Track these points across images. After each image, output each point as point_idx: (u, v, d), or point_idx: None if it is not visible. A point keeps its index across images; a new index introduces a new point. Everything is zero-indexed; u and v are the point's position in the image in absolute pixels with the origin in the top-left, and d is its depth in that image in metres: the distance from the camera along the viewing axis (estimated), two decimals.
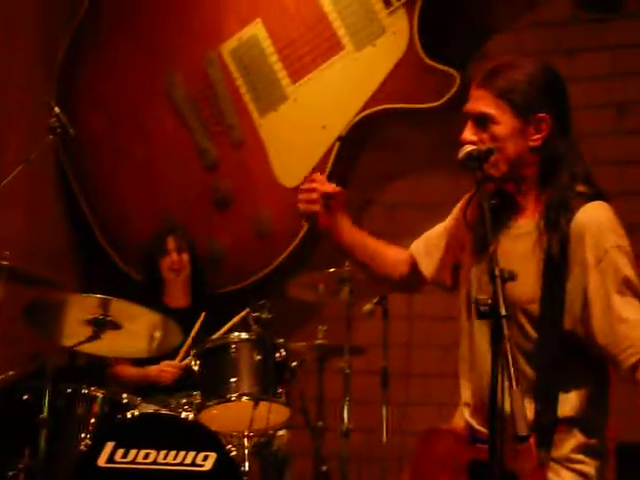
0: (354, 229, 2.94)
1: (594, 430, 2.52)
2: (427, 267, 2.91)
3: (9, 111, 5.59)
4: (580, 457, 2.49)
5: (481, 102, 2.53)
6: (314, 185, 2.79)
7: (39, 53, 5.92)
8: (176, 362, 4.63)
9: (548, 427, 2.45)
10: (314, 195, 2.78)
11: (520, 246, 2.54)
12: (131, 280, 5.81)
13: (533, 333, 2.49)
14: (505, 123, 2.50)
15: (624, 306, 2.43)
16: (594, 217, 2.48)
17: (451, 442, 2.61)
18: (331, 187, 2.80)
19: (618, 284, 2.44)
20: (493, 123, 2.51)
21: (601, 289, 2.44)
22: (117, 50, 6.08)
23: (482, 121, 2.52)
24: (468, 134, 2.54)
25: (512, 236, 2.56)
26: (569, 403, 2.49)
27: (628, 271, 2.46)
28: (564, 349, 2.47)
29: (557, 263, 2.47)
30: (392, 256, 3.01)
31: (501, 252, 2.44)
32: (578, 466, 2.49)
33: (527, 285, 2.48)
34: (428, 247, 2.92)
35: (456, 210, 2.86)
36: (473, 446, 2.56)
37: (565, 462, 2.48)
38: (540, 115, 2.50)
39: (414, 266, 2.95)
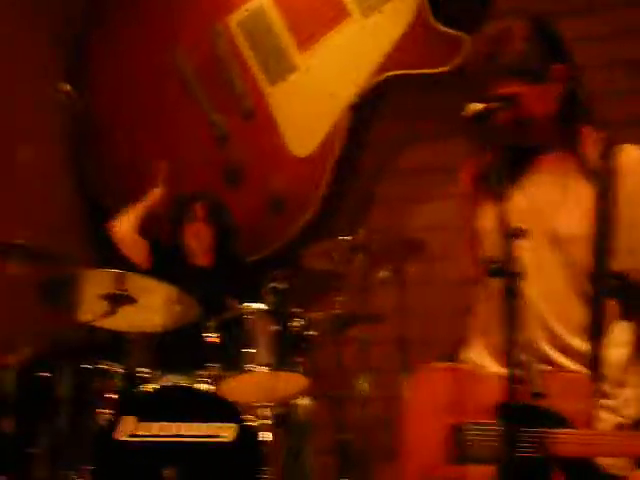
0: None
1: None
2: None
3: (21, 95, 5.60)
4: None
5: (497, 86, 2.55)
6: None
7: (51, 35, 5.92)
8: None
9: (598, 362, 2.50)
10: None
11: (555, 189, 2.60)
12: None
13: (585, 269, 2.53)
14: (527, 96, 2.53)
15: None
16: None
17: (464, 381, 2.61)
18: None
19: None
20: (517, 100, 2.53)
21: None
22: (126, 26, 6.07)
23: (506, 101, 2.53)
24: (500, 116, 2.56)
25: (542, 182, 2.62)
26: (620, 341, 2.54)
27: None
28: (616, 288, 2.54)
29: (606, 202, 2.53)
30: None
31: (530, 199, 2.58)
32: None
33: (572, 225, 2.54)
34: None
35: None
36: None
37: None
38: (554, 68, 2.57)
39: None
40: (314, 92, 5.51)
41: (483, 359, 2.68)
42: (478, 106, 2.49)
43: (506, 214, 2.25)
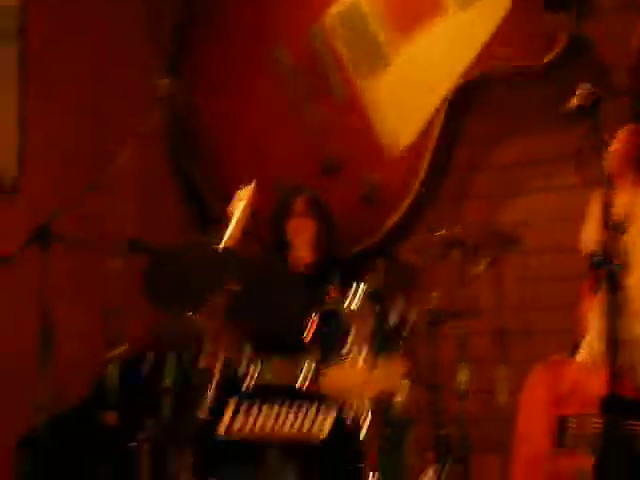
0: None
1: None
2: None
3: (120, 89, 5.69)
4: None
5: None
6: None
7: (148, 30, 6.02)
8: None
9: None
10: None
11: None
12: None
13: None
14: None
15: None
16: None
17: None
18: None
19: None
20: None
21: None
22: (224, 23, 6.16)
23: None
24: None
25: None
26: None
27: None
28: None
29: None
30: None
31: None
32: None
33: None
34: None
35: None
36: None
37: None
38: None
39: None
40: (409, 86, 5.51)
41: (593, 350, 2.69)
42: (579, 98, 2.48)
43: (611, 205, 2.24)
